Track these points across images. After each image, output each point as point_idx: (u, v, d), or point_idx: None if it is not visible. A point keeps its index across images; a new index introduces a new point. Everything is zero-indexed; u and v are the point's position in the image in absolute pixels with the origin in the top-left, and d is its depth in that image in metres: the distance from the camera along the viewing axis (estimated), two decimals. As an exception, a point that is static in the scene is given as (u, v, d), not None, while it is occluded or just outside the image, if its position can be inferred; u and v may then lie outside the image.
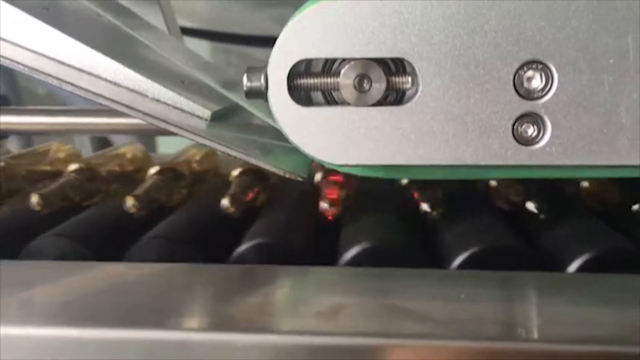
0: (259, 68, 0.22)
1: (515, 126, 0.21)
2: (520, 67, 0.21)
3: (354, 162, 0.22)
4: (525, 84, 0.21)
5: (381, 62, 0.21)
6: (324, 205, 0.29)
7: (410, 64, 0.21)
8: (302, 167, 0.26)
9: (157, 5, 0.44)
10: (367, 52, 0.21)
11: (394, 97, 0.22)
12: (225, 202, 0.29)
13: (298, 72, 0.22)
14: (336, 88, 0.21)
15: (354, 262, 0.25)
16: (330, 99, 0.22)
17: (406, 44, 0.21)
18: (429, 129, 0.21)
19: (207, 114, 0.28)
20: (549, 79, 0.21)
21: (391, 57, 0.21)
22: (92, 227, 0.29)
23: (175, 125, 0.26)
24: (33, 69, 0.26)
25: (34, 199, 0.30)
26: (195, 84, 0.31)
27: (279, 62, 0.21)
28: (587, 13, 0.20)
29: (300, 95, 0.22)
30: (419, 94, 0.21)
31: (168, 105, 0.27)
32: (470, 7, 0.20)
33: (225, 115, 0.29)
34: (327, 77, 0.21)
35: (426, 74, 0.21)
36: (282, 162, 0.25)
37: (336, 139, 0.22)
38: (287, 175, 0.25)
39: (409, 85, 0.21)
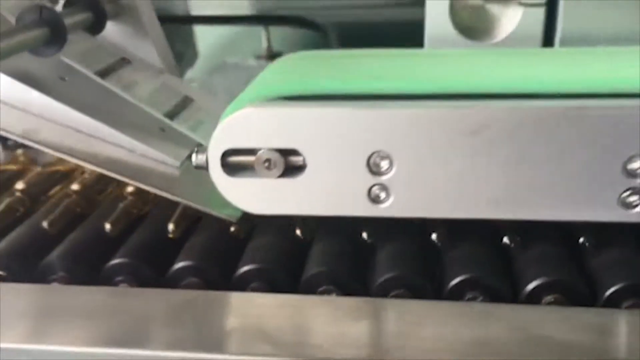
0: (204, 148, 0.33)
1: (370, 192, 0.32)
2: (371, 156, 0.32)
3: (267, 212, 0.33)
4: (374, 166, 0.32)
5: (283, 150, 0.32)
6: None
7: (301, 152, 0.32)
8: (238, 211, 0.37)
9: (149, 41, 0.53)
10: (274, 143, 0.32)
11: (292, 171, 0.33)
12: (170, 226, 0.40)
13: (228, 154, 0.33)
14: (253, 166, 0.32)
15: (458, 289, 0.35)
16: (251, 171, 0.33)
17: (298, 140, 0.32)
18: (313, 191, 0.32)
19: (177, 163, 0.39)
20: (392, 163, 0.32)
21: (288, 148, 0.32)
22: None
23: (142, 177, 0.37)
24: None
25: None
26: (174, 130, 0.41)
27: (215, 148, 0.32)
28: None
29: (230, 168, 0.33)
30: (306, 170, 0.32)
31: (142, 155, 0.38)
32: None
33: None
34: (247, 158, 0.32)
35: (311, 158, 0.32)
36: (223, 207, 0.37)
37: (254, 197, 0.33)
38: (222, 216, 0.36)
39: (301, 164, 0.32)
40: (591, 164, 0.31)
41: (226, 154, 0.33)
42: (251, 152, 0.33)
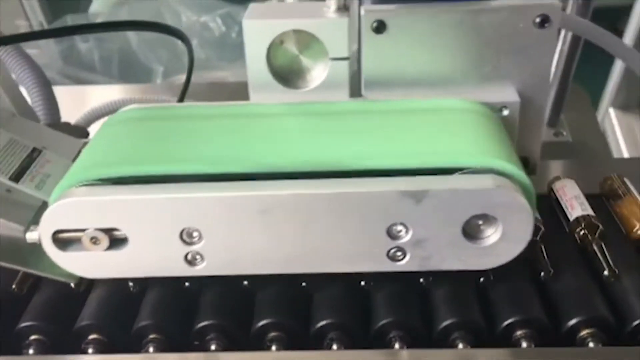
0: (36, 226, 0.37)
1: (186, 257, 0.38)
2: (183, 230, 0.37)
3: (100, 276, 0.39)
4: (187, 237, 0.37)
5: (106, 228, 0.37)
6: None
7: (122, 229, 0.37)
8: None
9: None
10: (97, 224, 0.37)
11: (116, 243, 0.38)
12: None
13: (58, 232, 0.37)
14: (79, 241, 0.37)
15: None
16: (80, 245, 0.38)
17: (118, 220, 0.37)
18: (137, 259, 0.38)
19: (21, 228, 0.43)
20: (201, 235, 0.37)
21: (110, 227, 0.37)
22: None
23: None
24: None
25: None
26: (20, 191, 0.44)
27: (45, 229, 0.37)
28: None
29: (61, 243, 0.38)
30: (129, 243, 0.38)
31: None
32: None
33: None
34: (76, 234, 0.37)
35: (132, 234, 0.37)
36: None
37: (86, 265, 0.38)
38: (62, 279, 0.41)
39: (124, 237, 0.38)
40: (362, 230, 0.38)
41: (57, 232, 0.37)
42: (79, 229, 0.37)
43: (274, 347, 0.40)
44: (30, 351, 0.41)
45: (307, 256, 0.39)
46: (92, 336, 0.41)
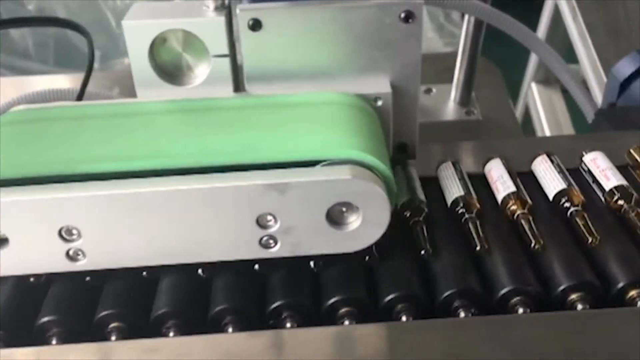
0: None
1: (68, 253, 0.40)
2: (61, 228, 0.39)
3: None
4: (66, 235, 0.39)
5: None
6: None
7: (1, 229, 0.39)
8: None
9: None
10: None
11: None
12: None
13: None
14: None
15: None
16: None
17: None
18: (19, 257, 0.40)
19: None
20: (80, 233, 0.40)
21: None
22: None
23: None
24: None
25: None
26: None
27: None
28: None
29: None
30: (9, 242, 0.39)
31: None
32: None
33: None
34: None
35: (11, 234, 0.39)
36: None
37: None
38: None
39: (5, 237, 0.39)
40: (234, 222, 0.40)
41: None
42: None
43: (230, 329, 0.42)
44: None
45: (185, 247, 0.41)
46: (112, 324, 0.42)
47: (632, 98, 0.79)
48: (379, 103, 0.48)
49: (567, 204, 0.48)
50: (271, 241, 0.41)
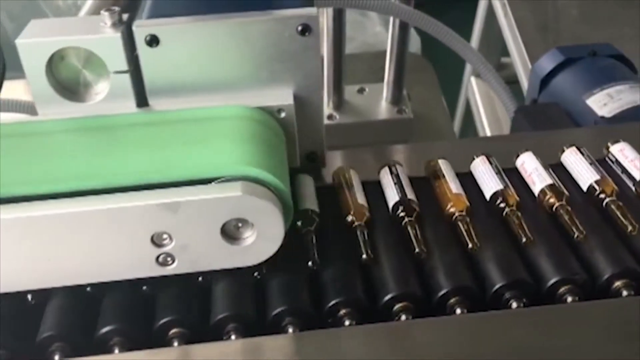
0: None
1: None
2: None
3: None
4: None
5: None
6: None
7: None
8: None
9: None
10: None
11: None
12: None
13: None
14: None
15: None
16: None
17: None
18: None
19: None
20: None
21: None
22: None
23: None
24: None
25: None
26: None
27: None
28: None
29: None
30: None
31: None
32: None
33: None
34: None
35: None
36: None
37: None
38: None
39: None
40: (129, 241, 0.41)
41: None
42: None
43: (176, 343, 0.41)
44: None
45: (83, 268, 0.41)
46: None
47: (553, 94, 0.81)
48: (282, 114, 0.49)
49: (502, 204, 0.49)
50: (168, 259, 0.42)
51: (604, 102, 0.72)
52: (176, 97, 0.49)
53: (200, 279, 0.44)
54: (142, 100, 0.49)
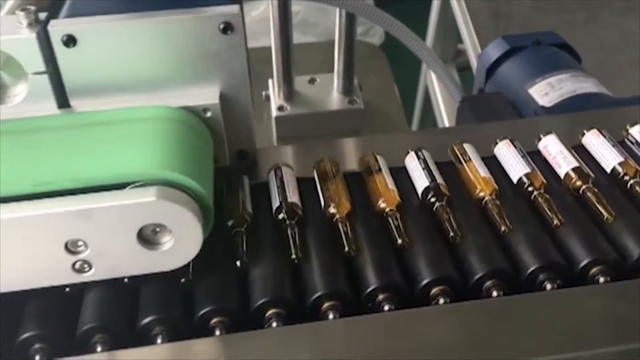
0: None
1: None
2: None
3: None
4: None
5: None
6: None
7: None
8: None
9: None
10: None
11: None
12: None
13: None
14: None
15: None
16: None
17: None
18: None
19: None
20: None
21: None
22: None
23: None
24: None
25: None
26: None
27: None
28: None
29: None
30: None
31: None
32: None
33: None
34: None
35: None
36: None
37: None
38: None
39: None
40: (43, 249, 0.40)
41: None
42: None
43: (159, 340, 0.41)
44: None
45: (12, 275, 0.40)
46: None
47: (498, 83, 0.81)
48: (208, 114, 0.48)
49: (432, 199, 0.50)
50: (85, 265, 0.41)
51: (545, 92, 0.72)
52: (98, 97, 0.48)
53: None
54: (63, 101, 0.48)
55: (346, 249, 0.45)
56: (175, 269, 0.42)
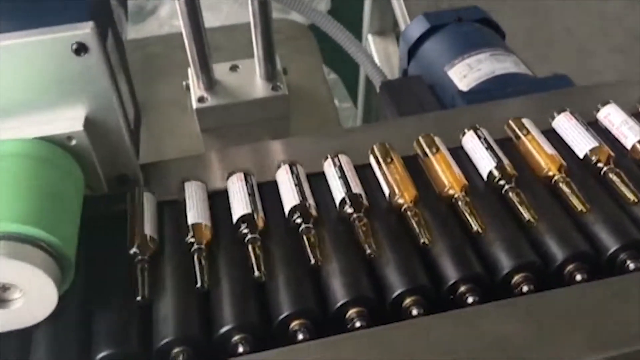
0: None
1: None
2: None
3: None
4: None
5: None
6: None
7: None
8: None
9: None
10: None
11: None
12: None
13: None
14: None
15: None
16: None
17: None
18: None
19: None
20: None
21: None
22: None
23: None
24: None
25: None
26: None
27: None
28: None
29: None
30: None
31: None
32: None
33: None
34: None
35: None
36: None
37: None
38: None
39: None
40: None
41: None
42: None
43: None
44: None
45: None
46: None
47: (421, 65, 0.78)
48: (73, 142, 0.44)
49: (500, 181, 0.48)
50: None
51: (464, 74, 0.69)
52: (-52, 130, 0.43)
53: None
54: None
55: (422, 240, 0.44)
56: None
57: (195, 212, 0.46)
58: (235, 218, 0.46)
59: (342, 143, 0.54)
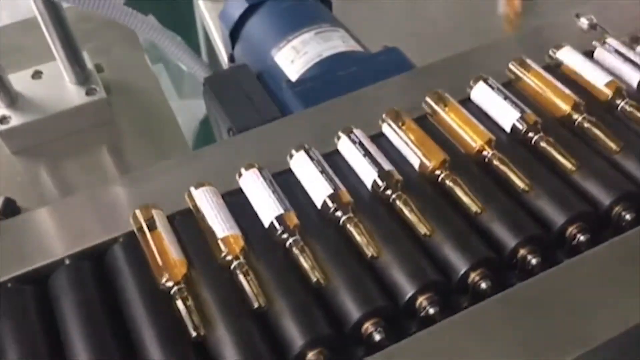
0: None
1: None
2: None
3: None
4: None
5: None
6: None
7: None
8: None
9: None
10: None
11: None
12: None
13: None
14: None
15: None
16: None
17: None
18: None
19: None
20: None
21: None
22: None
23: None
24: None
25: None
26: None
27: None
28: None
29: None
30: None
31: None
32: None
33: None
34: None
35: None
36: None
37: None
38: None
39: None
40: None
41: None
42: None
43: None
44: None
45: None
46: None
47: (246, 50, 0.69)
48: None
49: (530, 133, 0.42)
50: None
51: (291, 59, 0.61)
52: None
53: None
54: None
55: (474, 209, 0.41)
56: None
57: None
58: (266, 221, 0.41)
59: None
